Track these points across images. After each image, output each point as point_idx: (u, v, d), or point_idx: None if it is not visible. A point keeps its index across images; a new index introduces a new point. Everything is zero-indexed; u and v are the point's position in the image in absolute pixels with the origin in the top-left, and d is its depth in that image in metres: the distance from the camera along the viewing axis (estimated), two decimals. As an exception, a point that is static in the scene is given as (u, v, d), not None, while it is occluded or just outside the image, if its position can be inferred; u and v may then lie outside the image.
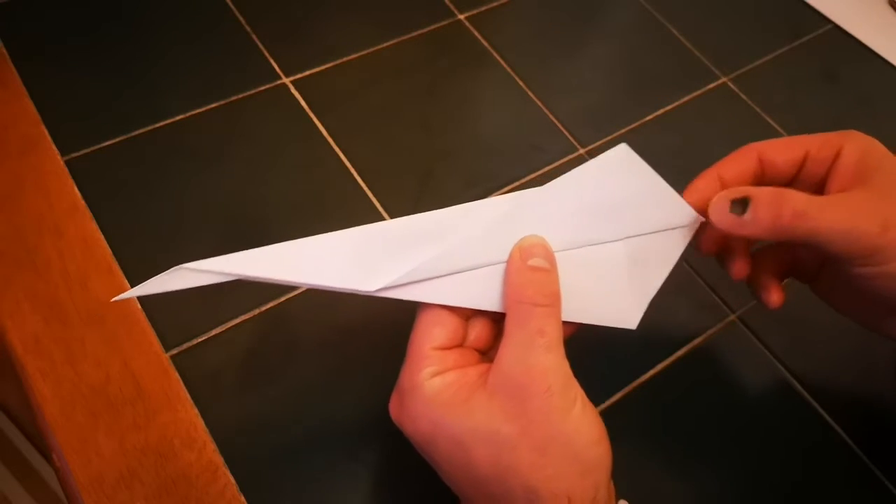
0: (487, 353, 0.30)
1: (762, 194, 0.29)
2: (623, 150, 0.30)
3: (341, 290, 0.27)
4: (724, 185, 0.32)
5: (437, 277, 0.28)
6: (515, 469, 0.25)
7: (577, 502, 0.25)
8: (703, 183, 0.32)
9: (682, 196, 0.31)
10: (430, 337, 0.28)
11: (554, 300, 0.27)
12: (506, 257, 0.28)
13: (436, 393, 0.27)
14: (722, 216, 0.30)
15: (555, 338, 0.26)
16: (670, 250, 0.31)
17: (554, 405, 0.26)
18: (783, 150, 0.32)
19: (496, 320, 0.30)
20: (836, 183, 0.31)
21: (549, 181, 0.29)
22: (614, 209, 0.30)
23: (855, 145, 0.31)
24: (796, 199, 0.29)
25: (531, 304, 0.27)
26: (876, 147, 0.31)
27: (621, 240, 0.30)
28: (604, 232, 0.30)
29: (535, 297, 0.27)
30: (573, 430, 0.26)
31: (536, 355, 0.26)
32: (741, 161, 0.32)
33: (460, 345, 0.29)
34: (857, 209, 0.29)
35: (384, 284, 0.27)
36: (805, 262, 0.34)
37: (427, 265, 0.28)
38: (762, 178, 0.32)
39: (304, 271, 0.27)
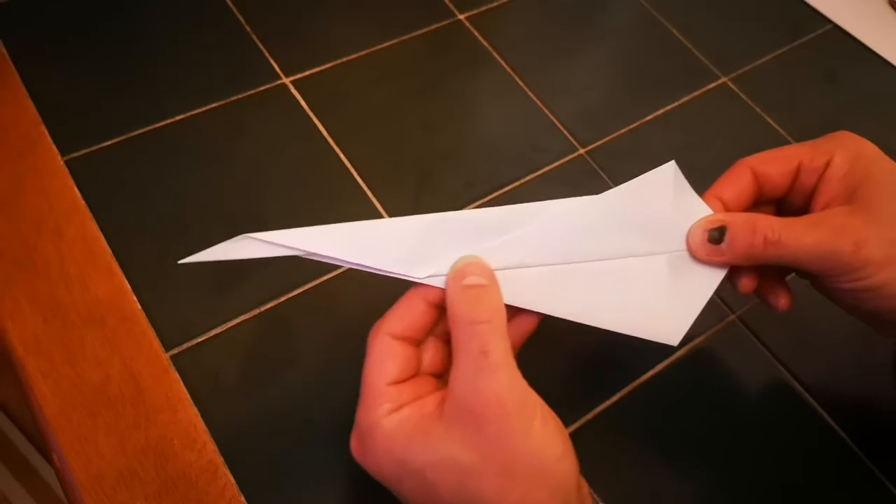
0: (443, 375, 0.29)
1: (737, 222, 0.30)
2: (670, 167, 0.31)
3: (392, 275, 0.28)
4: (724, 206, 0.32)
5: None
6: (482, 496, 0.25)
7: None
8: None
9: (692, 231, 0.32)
10: (383, 371, 0.27)
11: (493, 314, 0.26)
12: (551, 260, 0.29)
13: (394, 430, 0.26)
14: (700, 246, 0.31)
15: (500, 355, 0.25)
16: (712, 271, 0.32)
17: (511, 427, 0.25)
18: (776, 163, 0.32)
19: (447, 341, 0.29)
20: (822, 196, 0.31)
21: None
22: (660, 224, 0.31)
23: (845, 154, 0.31)
24: (769, 226, 0.29)
25: (469, 322, 0.26)
26: (866, 153, 0.31)
27: (665, 254, 0.31)
28: (649, 245, 0.31)
29: (473, 314, 0.26)
30: (535, 448, 0.25)
31: (484, 378, 0.25)
32: (736, 180, 0.32)
33: (415, 374, 0.28)
34: (831, 229, 0.29)
35: (432, 273, 0.28)
36: None
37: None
38: (759, 193, 0.33)
39: (363, 253, 0.27)
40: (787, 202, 0.33)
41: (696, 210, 0.31)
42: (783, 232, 0.29)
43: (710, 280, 0.32)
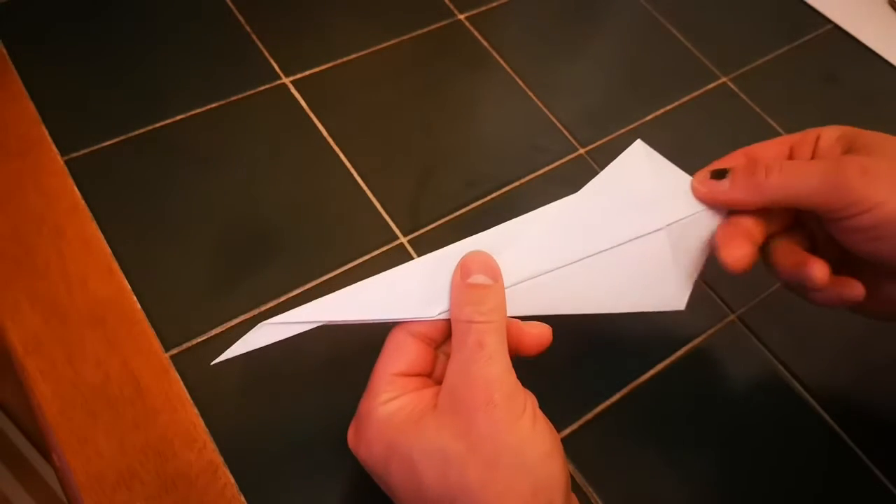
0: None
1: (740, 163, 0.31)
2: (639, 146, 0.33)
3: (407, 321, 0.28)
4: None
5: None
6: (465, 487, 0.25)
7: None
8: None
9: None
10: (392, 362, 0.28)
11: (493, 315, 0.27)
12: (549, 267, 0.29)
13: (389, 416, 0.26)
14: (702, 184, 0.31)
15: (496, 349, 0.26)
16: (706, 228, 0.32)
17: (498, 417, 0.25)
18: (770, 148, 0.33)
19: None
20: (817, 156, 0.32)
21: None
22: (648, 201, 0.32)
23: (833, 128, 0.32)
24: (772, 163, 0.30)
25: (469, 321, 0.27)
26: (854, 128, 0.32)
27: (663, 229, 0.31)
28: (641, 224, 0.31)
29: (474, 314, 0.27)
30: (521, 442, 0.25)
31: (477, 368, 0.26)
32: (731, 162, 0.33)
33: (425, 373, 0.29)
34: (835, 161, 0.29)
35: (442, 309, 0.28)
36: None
37: None
38: None
39: (374, 309, 0.28)
40: None
41: (678, 179, 0.32)
42: (787, 166, 0.30)
43: (705, 240, 0.32)
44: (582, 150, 0.46)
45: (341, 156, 0.43)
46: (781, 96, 0.51)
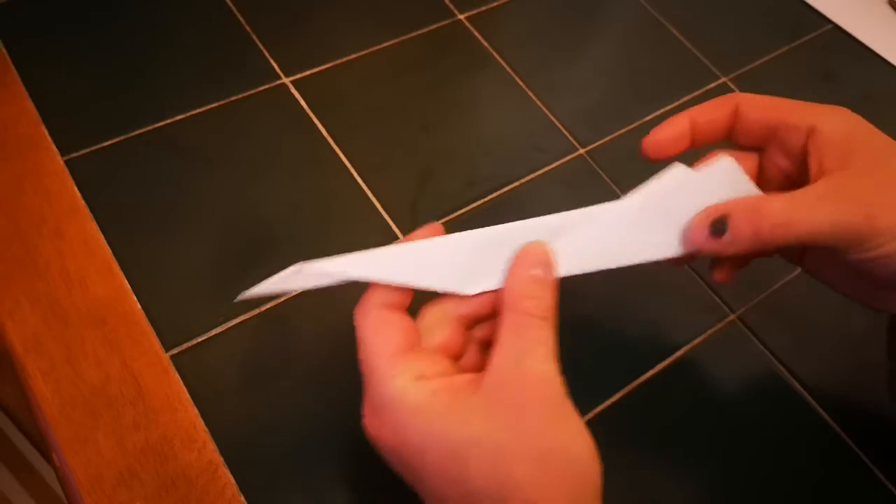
0: (460, 359, 0.29)
1: (738, 210, 0.29)
2: (727, 162, 0.31)
3: (441, 292, 0.28)
4: (693, 129, 0.32)
5: None
6: (515, 482, 0.24)
7: None
8: (674, 122, 0.32)
9: (651, 132, 0.32)
10: (387, 341, 0.26)
11: (551, 314, 0.27)
12: (603, 266, 0.29)
13: (426, 402, 0.25)
14: (704, 241, 0.30)
15: (552, 349, 0.26)
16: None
17: (552, 414, 0.25)
18: (760, 109, 0.32)
19: (468, 326, 0.29)
20: (817, 161, 0.30)
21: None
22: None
23: (835, 125, 0.30)
24: (774, 211, 0.28)
25: (529, 314, 0.26)
26: (861, 124, 0.30)
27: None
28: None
29: (534, 309, 0.27)
30: (571, 440, 0.25)
31: (535, 363, 0.25)
32: (717, 109, 0.32)
33: (416, 344, 0.27)
34: (838, 201, 0.28)
35: (483, 289, 0.28)
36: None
37: None
38: (731, 131, 0.32)
39: (415, 275, 0.28)
40: (769, 157, 0.32)
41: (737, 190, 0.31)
42: (790, 214, 0.28)
43: None
44: (582, 150, 0.46)
45: (341, 156, 0.43)
46: (781, 96, 0.51)
